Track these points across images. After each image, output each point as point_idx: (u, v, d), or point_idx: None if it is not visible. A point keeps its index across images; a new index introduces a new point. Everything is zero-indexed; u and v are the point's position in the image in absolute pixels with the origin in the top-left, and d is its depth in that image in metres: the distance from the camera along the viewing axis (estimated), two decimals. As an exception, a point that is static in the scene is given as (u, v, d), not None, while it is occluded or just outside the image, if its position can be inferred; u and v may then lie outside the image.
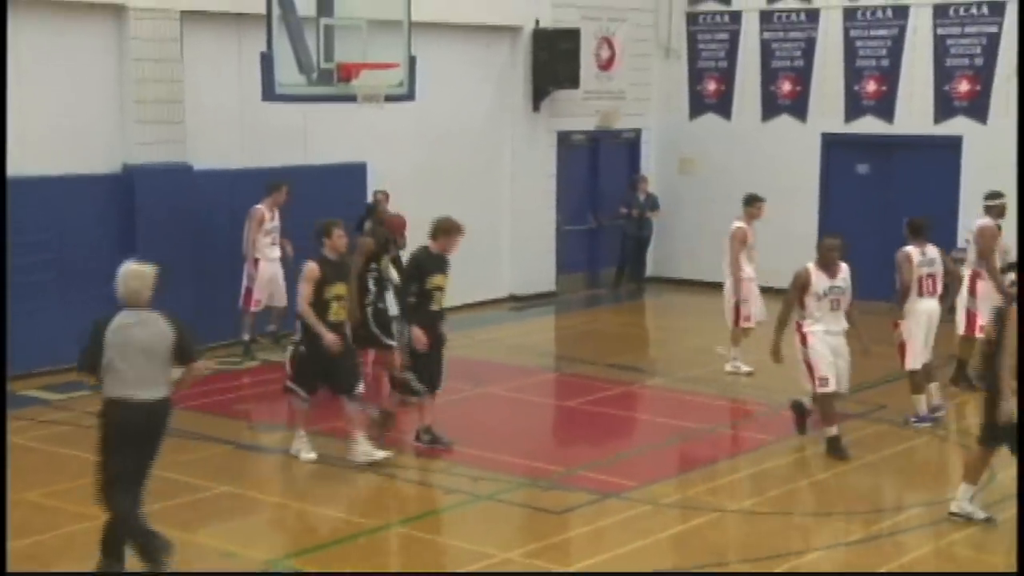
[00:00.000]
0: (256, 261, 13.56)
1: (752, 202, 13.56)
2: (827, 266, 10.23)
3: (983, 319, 11.68)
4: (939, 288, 11.22)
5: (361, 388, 9.97)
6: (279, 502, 9.33)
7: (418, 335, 10.17)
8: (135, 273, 7.68)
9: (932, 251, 11.17)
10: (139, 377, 7.34)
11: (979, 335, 11.42)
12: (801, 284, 10.22)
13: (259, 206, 13.53)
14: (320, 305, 9.69)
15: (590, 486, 9.55)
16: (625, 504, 9.15)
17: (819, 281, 10.18)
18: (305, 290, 9.69)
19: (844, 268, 10.31)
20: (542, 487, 9.56)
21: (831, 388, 10.18)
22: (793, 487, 9.81)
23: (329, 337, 9.62)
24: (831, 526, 8.96)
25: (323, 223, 10.00)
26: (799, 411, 10.69)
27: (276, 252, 13.67)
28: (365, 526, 8.72)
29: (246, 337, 13.74)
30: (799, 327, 10.31)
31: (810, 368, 10.20)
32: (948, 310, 11.84)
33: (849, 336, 10.33)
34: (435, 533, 8.83)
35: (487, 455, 10.31)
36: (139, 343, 7.42)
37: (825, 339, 10.15)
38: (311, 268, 9.74)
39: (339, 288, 9.82)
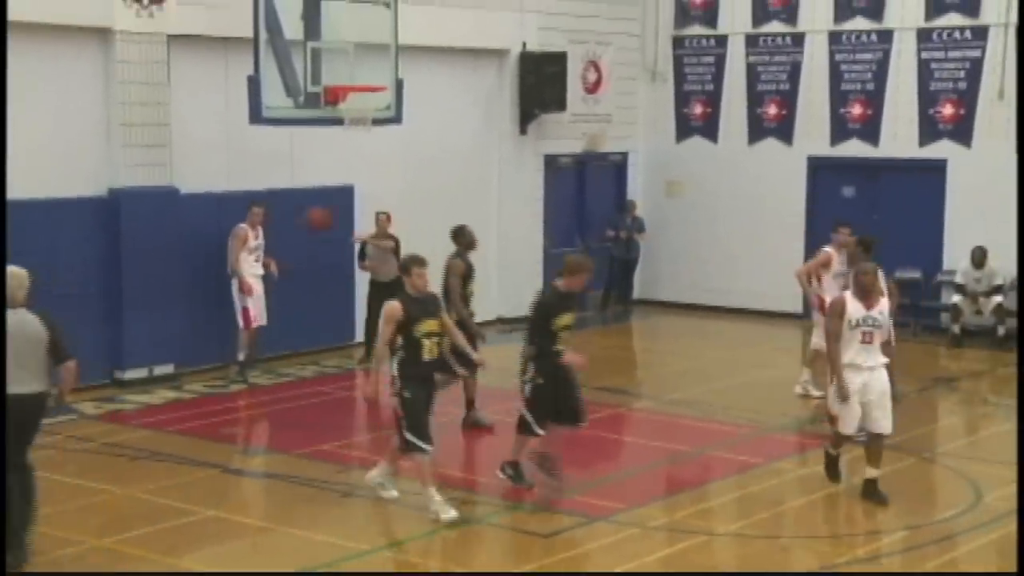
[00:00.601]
0: (244, 280, 13.53)
1: (837, 228, 13.22)
2: (863, 295, 9.51)
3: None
4: None
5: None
6: (265, 526, 9.29)
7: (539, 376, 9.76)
8: (11, 274, 8.13)
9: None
10: (15, 373, 7.82)
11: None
12: (838, 313, 9.53)
13: (242, 225, 13.53)
14: (412, 345, 9.14)
15: (577, 509, 9.53)
16: (612, 527, 9.14)
17: (854, 310, 9.49)
18: (385, 331, 9.12)
19: (884, 301, 9.65)
20: (529, 510, 9.54)
21: (842, 430, 9.66)
22: (780, 510, 9.80)
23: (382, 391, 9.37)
24: (818, 549, 8.95)
25: (405, 259, 9.66)
26: (828, 459, 10.08)
27: (260, 270, 13.70)
28: (353, 550, 8.68)
29: (241, 357, 13.67)
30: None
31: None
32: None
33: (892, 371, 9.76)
34: (423, 556, 8.81)
35: (474, 478, 10.29)
36: (14, 341, 7.86)
37: (847, 375, 9.47)
38: (393, 308, 9.16)
39: (430, 324, 9.23)
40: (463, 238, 12.43)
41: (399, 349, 9.14)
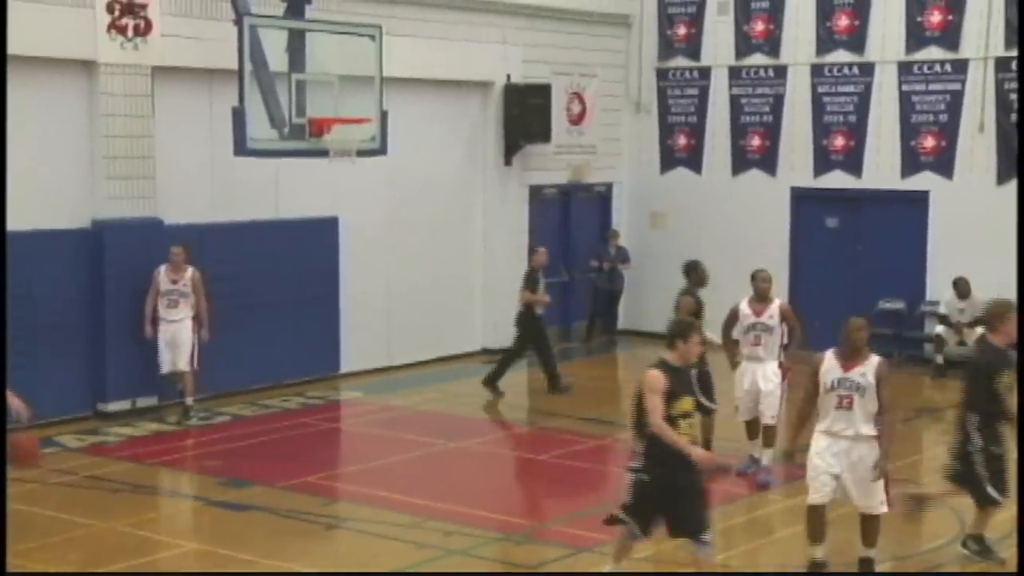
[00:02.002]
0: (155, 323, 13.15)
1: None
2: (847, 353, 8.48)
3: None
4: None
5: (710, 535, 8.11)
6: (250, 559, 9.22)
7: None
8: None
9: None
10: None
11: None
12: (814, 371, 8.53)
13: (161, 268, 13.15)
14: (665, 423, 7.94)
15: (563, 540, 9.50)
16: (598, 558, 9.10)
17: (830, 370, 8.46)
18: (653, 402, 7.87)
19: (872, 361, 8.44)
20: (515, 541, 9.51)
21: (814, 500, 8.67)
22: (765, 541, 9.78)
23: (700, 452, 7.94)
24: (804, 580, 8.92)
25: (680, 323, 8.41)
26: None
27: (175, 315, 13.11)
28: (336, 583, 8.63)
29: (180, 388, 13.39)
30: None
31: None
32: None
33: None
34: (407, 590, 8.76)
35: (459, 509, 10.25)
36: None
37: (822, 442, 8.54)
38: (655, 377, 7.93)
39: (687, 403, 7.98)
40: (696, 274, 12.28)
41: (646, 425, 7.93)
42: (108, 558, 8.98)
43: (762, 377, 11.20)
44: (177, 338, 13.18)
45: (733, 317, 11.37)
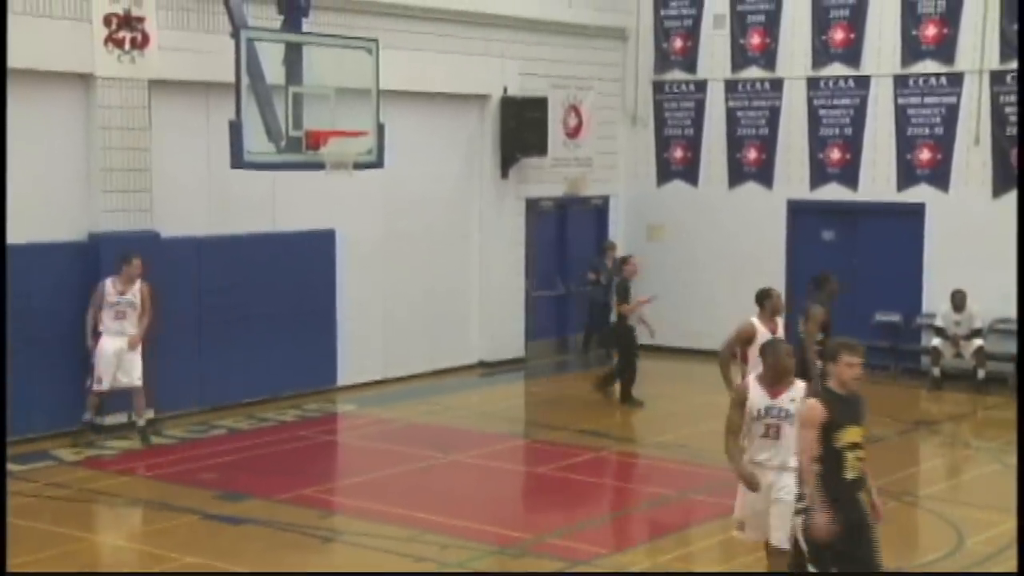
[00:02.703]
0: (97, 336, 12.54)
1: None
2: (773, 379, 7.84)
3: None
4: None
5: None
6: (246, 573, 9.20)
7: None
8: None
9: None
10: None
11: None
12: (741, 401, 7.94)
13: (107, 280, 12.63)
14: (830, 457, 7.16)
15: (560, 554, 9.48)
16: (595, 572, 9.08)
17: (756, 397, 7.85)
18: (807, 436, 7.15)
19: (799, 386, 7.84)
20: (511, 555, 9.49)
21: (740, 533, 8.24)
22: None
23: (818, 520, 7.10)
24: (802, 593, 8.90)
25: (833, 345, 7.51)
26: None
27: (122, 327, 12.56)
28: (332, 597, 8.61)
29: (87, 417, 12.69)
30: None
31: None
32: None
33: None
34: (403, 603, 8.74)
35: (456, 523, 10.24)
36: None
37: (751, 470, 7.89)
38: (812, 408, 7.20)
39: (853, 433, 7.19)
40: (828, 286, 12.12)
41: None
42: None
43: None
44: (124, 351, 12.56)
45: (748, 334, 10.78)
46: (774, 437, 7.78)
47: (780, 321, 11.12)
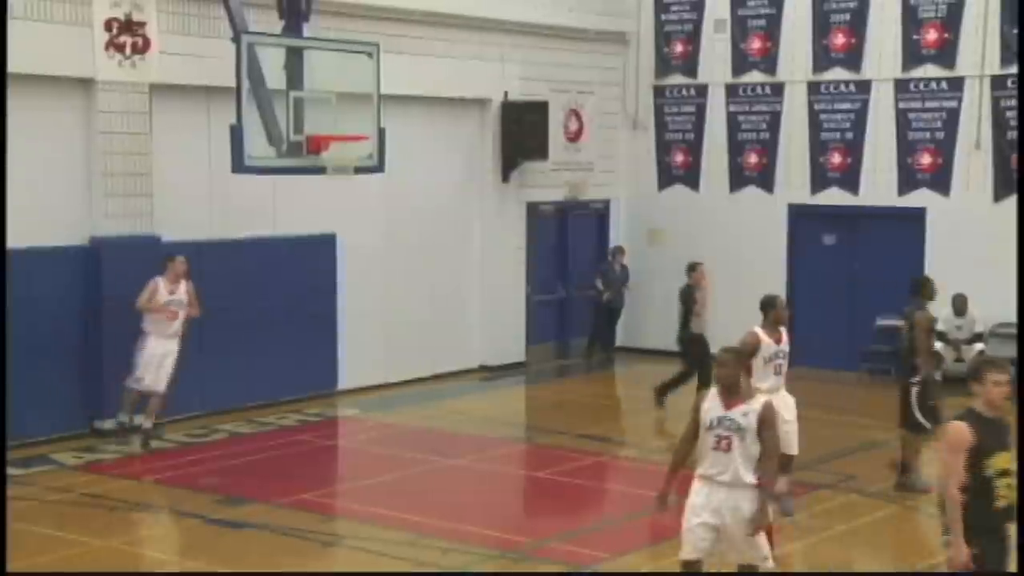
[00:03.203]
0: (146, 335, 12.58)
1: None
2: (724, 390, 7.55)
3: None
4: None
5: None
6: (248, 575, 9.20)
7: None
8: None
9: None
10: None
11: None
12: (695, 407, 7.75)
13: (158, 279, 12.66)
14: (978, 486, 6.63)
15: (561, 558, 9.47)
16: (596, 577, 9.08)
17: (711, 408, 7.56)
18: (953, 463, 6.65)
19: (758, 400, 7.56)
20: (512, 559, 9.48)
21: (686, 555, 7.79)
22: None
23: (962, 553, 6.61)
24: (803, 597, 8.90)
25: (977, 364, 7.01)
26: None
27: (173, 328, 12.61)
28: (333, 601, 8.61)
29: (124, 419, 12.68)
30: None
31: None
32: None
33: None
34: (404, 608, 8.73)
35: (457, 527, 10.23)
36: None
37: (698, 488, 7.62)
38: (957, 431, 6.69)
39: (1003, 459, 6.67)
40: (927, 288, 11.55)
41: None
42: (104, 576, 8.95)
43: (785, 407, 10.14)
44: (170, 356, 12.64)
45: (750, 346, 10.12)
46: (725, 450, 7.45)
47: (784, 331, 10.45)
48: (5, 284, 11.24)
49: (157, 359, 12.58)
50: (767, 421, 7.46)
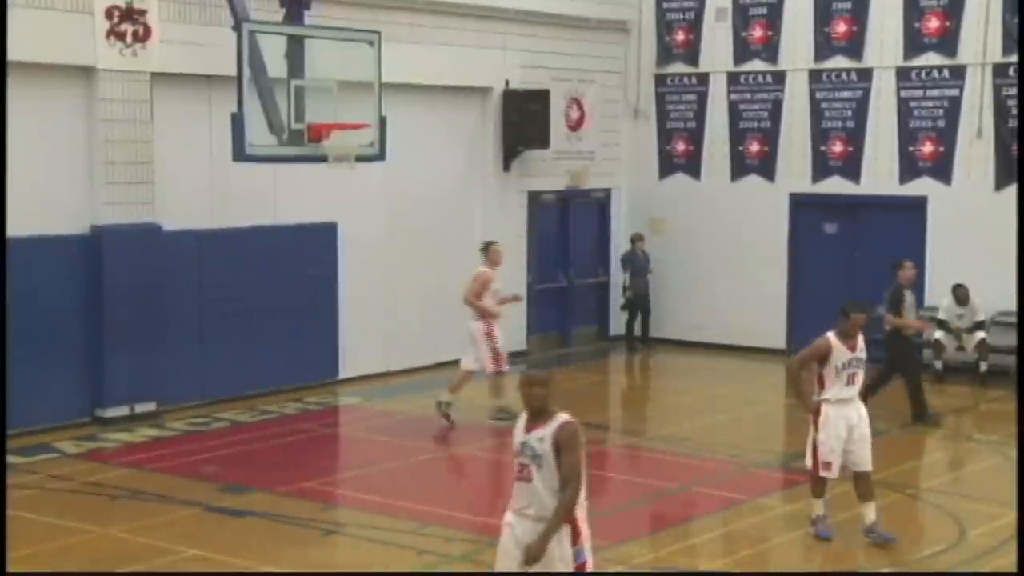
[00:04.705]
0: (492, 322, 13.76)
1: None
2: (530, 413, 6.89)
3: None
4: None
5: None
6: (248, 565, 9.21)
7: None
8: None
9: None
10: None
11: None
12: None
13: (483, 268, 13.72)
14: None
15: (562, 547, 9.46)
16: (597, 564, 9.07)
17: (517, 432, 6.80)
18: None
19: (554, 423, 6.75)
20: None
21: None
22: (765, 547, 9.78)
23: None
24: (803, 586, 8.91)
25: None
26: None
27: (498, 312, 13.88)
28: (334, 589, 8.62)
29: (502, 402, 13.56)
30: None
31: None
32: None
33: None
34: (405, 596, 8.75)
35: (458, 515, 10.24)
36: None
37: (507, 522, 6.76)
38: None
39: None
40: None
41: None
42: (106, 565, 8.97)
43: (860, 420, 9.59)
44: (479, 337, 13.79)
45: (823, 353, 9.46)
46: (527, 480, 6.56)
47: (861, 337, 9.59)
48: (6, 273, 11.24)
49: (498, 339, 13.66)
50: (564, 444, 6.51)
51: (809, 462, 9.65)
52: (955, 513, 10.40)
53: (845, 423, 9.44)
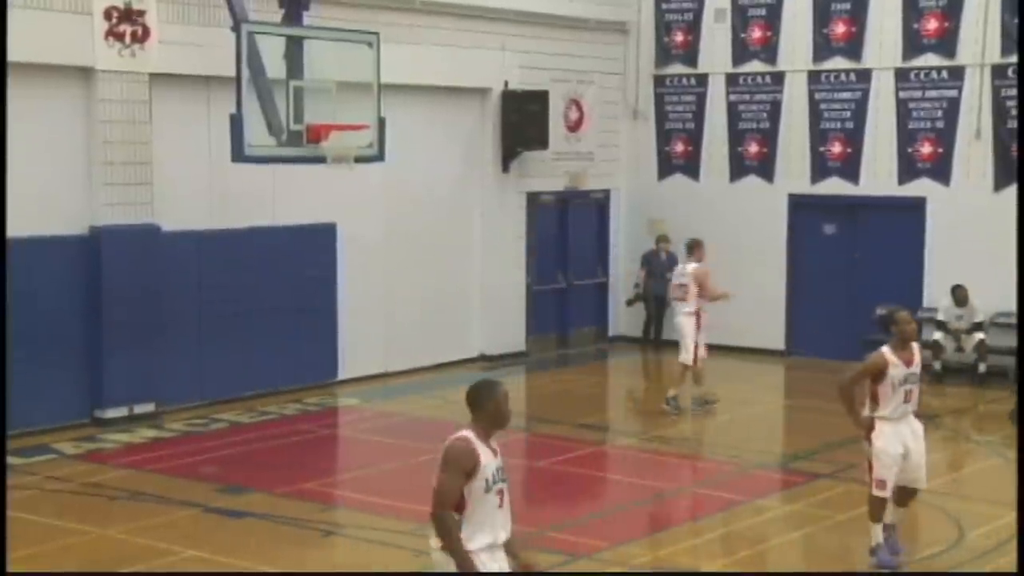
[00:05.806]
0: (703, 316, 14.34)
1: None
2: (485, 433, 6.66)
3: None
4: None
5: None
6: (248, 567, 9.20)
7: None
8: None
9: None
10: None
11: None
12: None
13: (701, 264, 14.53)
14: None
15: (560, 547, 9.48)
16: (595, 565, 9.09)
17: (485, 457, 6.64)
18: None
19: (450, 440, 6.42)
20: (512, 549, 9.47)
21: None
22: (763, 547, 9.78)
23: None
24: (802, 586, 8.91)
25: None
26: None
27: (682, 308, 14.49)
28: (333, 590, 8.62)
29: (698, 392, 14.36)
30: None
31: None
32: None
33: None
34: (404, 596, 8.74)
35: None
36: None
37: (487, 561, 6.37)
38: None
39: None
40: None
41: None
42: (105, 565, 8.96)
43: (917, 437, 9.14)
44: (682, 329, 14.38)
45: (879, 369, 8.90)
46: (503, 506, 6.43)
47: (916, 349, 9.07)
48: (5, 274, 11.22)
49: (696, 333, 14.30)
50: (441, 459, 6.16)
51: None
52: (954, 514, 10.40)
53: (901, 441, 8.95)
